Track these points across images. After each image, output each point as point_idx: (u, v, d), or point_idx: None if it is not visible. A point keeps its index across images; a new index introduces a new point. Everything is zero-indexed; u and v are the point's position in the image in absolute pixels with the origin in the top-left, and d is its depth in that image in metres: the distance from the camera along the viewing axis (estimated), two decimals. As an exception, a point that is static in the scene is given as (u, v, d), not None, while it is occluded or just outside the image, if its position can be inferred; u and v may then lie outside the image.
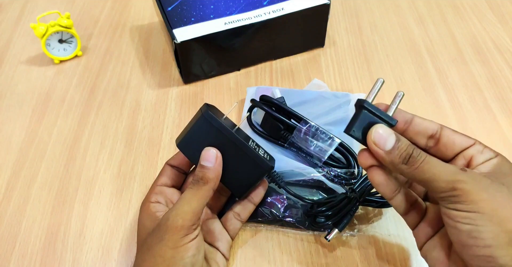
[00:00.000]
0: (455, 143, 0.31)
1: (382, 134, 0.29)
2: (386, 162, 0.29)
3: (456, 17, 0.64)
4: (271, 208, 0.41)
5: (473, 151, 0.30)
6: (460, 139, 0.31)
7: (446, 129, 0.31)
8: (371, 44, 0.60)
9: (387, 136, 0.29)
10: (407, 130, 0.31)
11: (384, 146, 0.29)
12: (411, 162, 0.28)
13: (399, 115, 0.31)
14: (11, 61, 0.60)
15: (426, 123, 0.31)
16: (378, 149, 0.29)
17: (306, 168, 0.43)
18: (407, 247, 0.41)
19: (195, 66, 0.54)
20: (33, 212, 0.44)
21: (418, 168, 0.28)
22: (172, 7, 0.54)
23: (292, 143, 0.44)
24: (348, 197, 0.39)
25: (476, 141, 0.31)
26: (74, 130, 0.51)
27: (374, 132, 0.29)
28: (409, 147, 0.29)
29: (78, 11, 0.67)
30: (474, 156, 0.30)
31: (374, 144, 0.29)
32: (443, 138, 0.31)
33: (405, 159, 0.29)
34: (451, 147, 0.31)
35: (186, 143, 0.38)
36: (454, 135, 0.31)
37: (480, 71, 0.56)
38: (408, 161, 0.28)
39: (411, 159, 0.28)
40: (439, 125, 0.31)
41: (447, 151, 0.31)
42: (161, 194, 0.39)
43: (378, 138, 0.29)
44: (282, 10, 0.53)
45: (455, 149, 0.31)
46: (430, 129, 0.31)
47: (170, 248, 0.32)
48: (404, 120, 0.31)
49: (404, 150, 0.29)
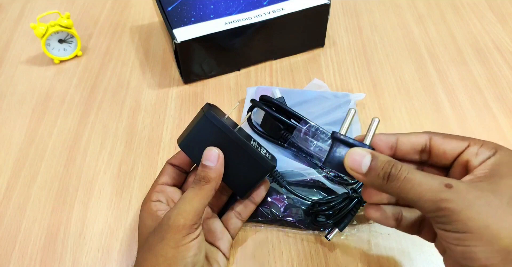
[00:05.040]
0: (446, 152, 0.29)
1: (355, 157, 0.28)
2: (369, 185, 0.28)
3: (456, 17, 0.64)
4: (271, 207, 0.41)
5: (467, 155, 0.28)
6: (450, 145, 0.29)
7: (435, 138, 0.30)
8: (371, 44, 0.60)
9: (361, 158, 0.28)
10: (395, 153, 0.30)
11: (359, 168, 0.28)
12: (391, 180, 0.26)
13: (381, 142, 0.30)
14: (11, 61, 0.60)
15: (412, 139, 0.30)
16: (356, 174, 0.28)
17: (306, 168, 0.43)
18: (407, 247, 0.41)
19: (195, 66, 0.54)
20: (33, 212, 0.44)
21: (400, 187, 0.26)
22: (172, 7, 0.54)
23: (292, 143, 0.44)
24: (349, 197, 0.39)
25: (471, 141, 0.29)
26: (74, 130, 0.51)
27: (347, 156, 0.28)
28: (386, 165, 0.27)
29: (78, 11, 0.67)
30: (470, 161, 0.28)
31: (351, 169, 0.28)
32: (433, 149, 0.30)
33: (384, 178, 0.27)
34: (444, 157, 0.29)
35: (188, 142, 0.38)
36: (444, 143, 0.29)
37: (480, 71, 0.56)
38: (388, 180, 0.27)
39: (391, 177, 0.26)
40: (427, 136, 0.30)
41: (442, 161, 0.30)
42: (162, 193, 0.39)
43: (351, 161, 0.28)
44: (282, 10, 0.53)
45: (448, 157, 0.29)
46: (418, 144, 0.30)
47: (171, 247, 0.32)
48: (388, 145, 0.30)
49: (381, 169, 0.27)
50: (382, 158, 0.27)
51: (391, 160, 0.27)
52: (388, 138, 0.30)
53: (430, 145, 0.30)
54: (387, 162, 0.27)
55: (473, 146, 0.28)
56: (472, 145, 0.28)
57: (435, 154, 0.30)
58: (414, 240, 0.41)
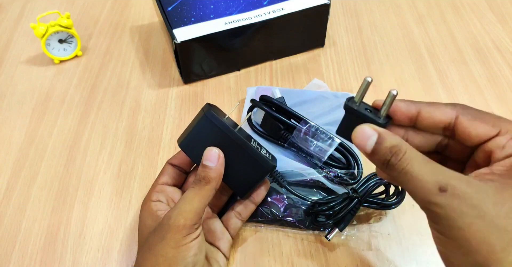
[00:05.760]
0: (471, 137, 0.26)
1: (362, 135, 0.26)
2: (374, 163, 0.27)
3: (456, 17, 0.64)
4: (271, 207, 0.41)
5: (493, 145, 0.25)
6: (476, 130, 0.26)
7: (461, 119, 0.26)
8: (371, 44, 0.60)
9: (367, 137, 0.26)
10: (415, 125, 0.28)
11: (364, 148, 0.26)
12: (389, 168, 0.25)
13: (400, 112, 0.28)
14: (11, 61, 0.60)
15: (436, 114, 0.27)
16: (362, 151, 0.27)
17: (306, 169, 0.43)
18: (407, 247, 0.41)
19: (195, 66, 0.54)
20: (33, 212, 0.44)
21: (397, 176, 0.25)
22: (172, 7, 0.54)
23: (292, 143, 0.44)
24: (349, 197, 0.39)
25: (502, 129, 0.25)
26: (74, 130, 0.51)
27: (354, 132, 0.27)
28: (387, 152, 0.25)
29: (78, 11, 0.67)
30: (494, 152, 0.25)
31: (357, 146, 0.27)
32: (457, 130, 0.27)
33: (383, 164, 0.26)
34: (468, 140, 0.26)
35: (188, 143, 0.38)
36: (470, 126, 0.26)
37: (480, 71, 0.56)
38: (387, 167, 0.25)
39: (389, 166, 0.25)
40: (454, 114, 0.26)
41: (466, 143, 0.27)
42: (162, 192, 0.39)
43: (358, 139, 0.26)
44: (282, 10, 0.53)
45: (473, 142, 0.26)
46: (441, 122, 0.27)
47: (172, 247, 0.32)
48: (406, 116, 0.27)
49: (382, 155, 0.25)
50: (387, 143, 0.25)
51: (396, 146, 0.25)
52: (409, 108, 0.27)
53: (455, 124, 0.27)
54: (390, 149, 0.25)
55: (502, 136, 0.25)
56: (502, 134, 0.25)
57: (459, 135, 0.27)
58: (414, 240, 0.41)
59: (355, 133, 0.26)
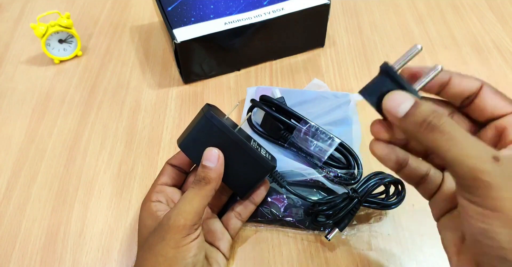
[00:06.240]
0: (487, 109, 0.26)
1: (397, 99, 0.25)
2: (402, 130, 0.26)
3: (456, 17, 0.64)
4: (271, 207, 0.41)
5: (506, 122, 0.25)
6: (494, 103, 0.26)
7: (485, 90, 0.26)
8: (371, 44, 0.60)
9: (402, 101, 0.25)
10: (441, 92, 0.28)
11: (396, 110, 0.25)
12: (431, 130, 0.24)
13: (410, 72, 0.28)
14: (11, 61, 0.60)
15: (464, 83, 0.27)
16: (391, 115, 0.26)
17: (306, 169, 0.43)
18: (407, 247, 0.41)
19: (195, 66, 0.54)
20: (33, 212, 0.44)
21: (439, 140, 0.23)
22: (172, 7, 0.54)
23: (292, 143, 0.44)
24: (349, 197, 0.39)
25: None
26: (74, 130, 0.51)
27: (389, 95, 0.26)
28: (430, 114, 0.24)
29: (78, 11, 0.67)
30: (507, 129, 0.25)
31: (387, 109, 0.26)
32: (477, 100, 0.26)
33: (421, 126, 0.24)
34: (482, 113, 0.26)
35: (187, 143, 0.38)
36: (491, 99, 0.26)
37: (480, 71, 0.56)
38: (426, 129, 0.24)
39: (431, 126, 0.24)
40: (480, 84, 0.26)
41: (478, 116, 0.27)
42: (162, 193, 0.39)
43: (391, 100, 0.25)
44: (282, 10, 0.53)
45: (486, 115, 0.26)
46: (468, 91, 0.27)
47: (171, 247, 0.32)
48: (439, 83, 0.27)
49: (421, 116, 0.24)
50: (426, 107, 0.24)
51: (437, 110, 0.24)
52: (443, 75, 0.27)
53: (477, 95, 0.27)
54: (432, 111, 0.24)
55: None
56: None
57: (477, 105, 0.27)
58: (414, 240, 0.41)
59: (389, 96, 0.26)
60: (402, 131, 0.26)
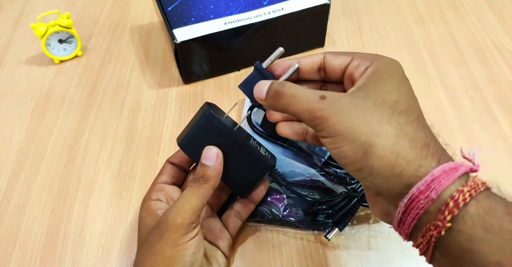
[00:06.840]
0: (335, 67, 0.31)
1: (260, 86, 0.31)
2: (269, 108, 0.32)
3: (456, 17, 0.64)
4: (271, 207, 0.41)
5: (351, 68, 0.30)
6: (338, 61, 0.31)
7: (327, 56, 0.32)
8: (371, 44, 0.60)
9: (263, 85, 0.31)
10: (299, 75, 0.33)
11: (261, 94, 0.31)
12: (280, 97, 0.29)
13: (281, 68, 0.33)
14: (11, 61, 0.60)
15: (310, 60, 0.32)
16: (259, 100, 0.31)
17: (306, 168, 0.43)
18: (407, 247, 0.41)
19: (195, 66, 0.54)
20: (33, 212, 0.44)
21: (287, 102, 0.29)
22: (172, 7, 0.54)
23: (292, 143, 0.44)
24: (349, 196, 0.39)
25: (354, 55, 0.31)
26: (74, 130, 0.51)
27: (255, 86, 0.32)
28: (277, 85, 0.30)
29: (78, 11, 0.67)
30: (353, 74, 0.30)
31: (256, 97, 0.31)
32: (326, 66, 0.32)
33: (274, 97, 0.30)
34: (335, 73, 0.32)
35: (187, 142, 0.38)
36: (333, 59, 0.32)
37: (480, 71, 0.56)
38: (277, 97, 0.29)
39: (279, 94, 0.29)
40: (322, 55, 0.32)
41: (335, 77, 0.32)
42: (162, 191, 0.39)
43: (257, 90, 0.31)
44: (282, 10, 0.53)
45: (338, 72, 0.31)
46: (315, 63, 0.32)
47: (169, 246, 0.32)
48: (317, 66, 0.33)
49: (273, 89, 0.30)
50: (275, 83, 0.30)
51: (282, 82, 0.30)
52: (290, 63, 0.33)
53: (324, 62, 0.32)
54: (279, 83, 0.30)
55: (355, 60, 0.30)
56: (354, 59, 0.31)
57: (329, 70, 0.32)
58: (414, 240, 0.41)
59: (256, 85, 0.32)
60: (270, 108, 0.32)
